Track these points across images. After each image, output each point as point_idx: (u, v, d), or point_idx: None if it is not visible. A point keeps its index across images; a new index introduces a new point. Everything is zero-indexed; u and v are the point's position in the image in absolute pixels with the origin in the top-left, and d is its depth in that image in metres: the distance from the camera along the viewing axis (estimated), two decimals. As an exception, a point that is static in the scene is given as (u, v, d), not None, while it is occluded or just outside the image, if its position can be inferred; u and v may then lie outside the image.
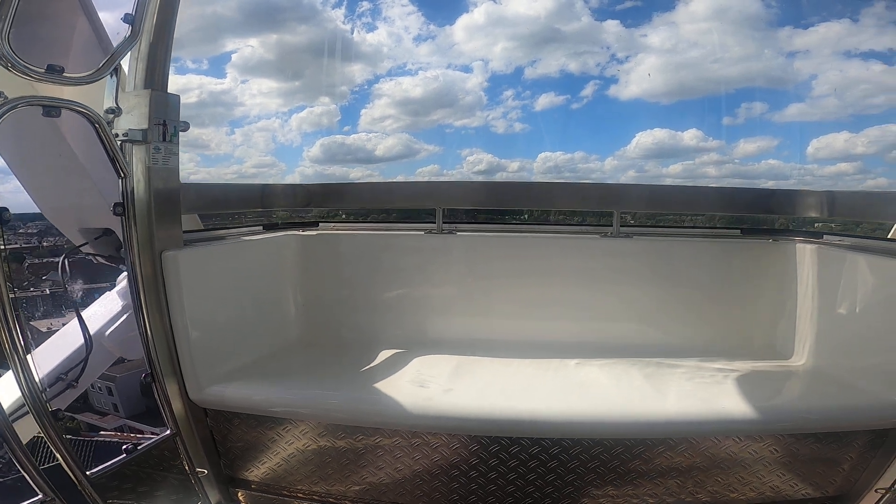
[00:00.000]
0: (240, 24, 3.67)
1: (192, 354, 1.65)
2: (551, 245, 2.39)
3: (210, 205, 2.20)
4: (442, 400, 1.62)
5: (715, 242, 2.36)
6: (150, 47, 1.51)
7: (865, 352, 1.72)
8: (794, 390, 1.76)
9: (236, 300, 1.97)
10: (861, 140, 2.96)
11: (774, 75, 3.12)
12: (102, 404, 2.28)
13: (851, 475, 1.61)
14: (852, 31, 2.95)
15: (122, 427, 2.33)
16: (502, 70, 3.81)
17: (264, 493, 1.81)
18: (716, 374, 1.82)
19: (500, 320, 2.33)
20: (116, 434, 2.35)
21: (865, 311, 1.74)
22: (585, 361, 1.92)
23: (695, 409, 1.56)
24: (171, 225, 1.66)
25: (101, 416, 2.30)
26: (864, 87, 3.03)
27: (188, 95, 3.48)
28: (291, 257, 2.35)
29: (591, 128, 3.37)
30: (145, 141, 1.51)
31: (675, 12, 3.39)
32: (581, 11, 3.66)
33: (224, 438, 1.76)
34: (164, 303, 1.61)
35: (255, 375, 1.82)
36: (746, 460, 1.58)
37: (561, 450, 1.58)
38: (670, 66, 3.57)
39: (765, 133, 3.14)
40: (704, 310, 2.25)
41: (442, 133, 3.99)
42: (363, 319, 2.36)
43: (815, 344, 1.92)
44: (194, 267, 1.71)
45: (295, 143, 3.54)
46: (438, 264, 2.39)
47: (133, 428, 6.25)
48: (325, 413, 1.68)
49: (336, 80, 3.56)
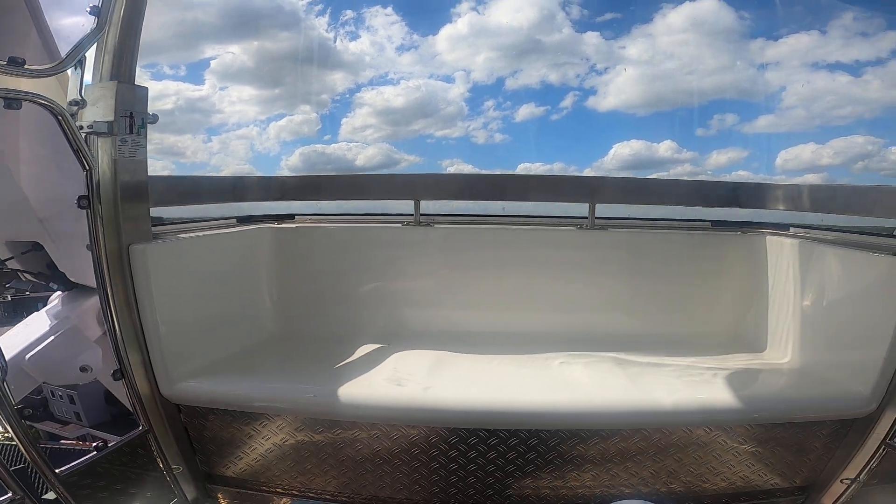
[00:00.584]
0: (220, 29, 3.57)
1: (162, 350, 1.62)
2: (528, 237, 2.41)
3: (180, 198, 2.13)
4: (421, 395, 1.62)
5: (687, 234, 2.41)
6: (118, 39, 1.46)
7: (831, 343, 1.78)
8: (762, 381, 1.81)
9: (209, 294, 1.93)
10: (827, 151, 3.08)
11: (746, 87, 3.23)
12: (64, 413, 2.15)
13: (818, 465, 1.67)
14: (820, 42, 3.05)
15: (85, 436, 2.21)
16: (484, 80, 3.78)
17: (242, 488, 1.79)
18: (689, 367, 1.87)
19: (477, 312, 2.34)
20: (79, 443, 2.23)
21: (832, 303, 1.80)
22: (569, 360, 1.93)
23: (668, 400, 1.59)
24: (139, 218, 1.61)
25: (62, 424, 2.17)
26: (831, 99, 3.14)
27: (164, 102, 3.38)
28: (266, 250, 2.31)
29: (570, 139, 3.44)
30: (111, 133, 1.46)
31: (653, 24, 3.44)
32: (562, 23, 3.71)
33: (199, 434, 1.74)
34: (132, 297, 1.57)
35: (230, 370, 1.80)
36: (717, 450, 1.63)
37: (538, 441, 1.61)
38: (646, 77, 3.60)
39: (736, 144, 3.25)
40: (677, 300, 2.30)
41: (423, 143, 4.01)
42: (340, 313, 2.34)
43: (783, 336, 1.98)
44: (164, 260, 1.68)
45: (273, 152, 3.50)
46: (416, 257, 2.39)
47: (96, 437, 5.98)
48: (302, 408, 1.66)
49: (317, 88, 3.55)
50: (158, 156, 3.19)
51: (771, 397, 1.68)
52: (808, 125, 3.23)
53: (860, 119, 3.11)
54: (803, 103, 3.18)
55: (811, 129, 3.24)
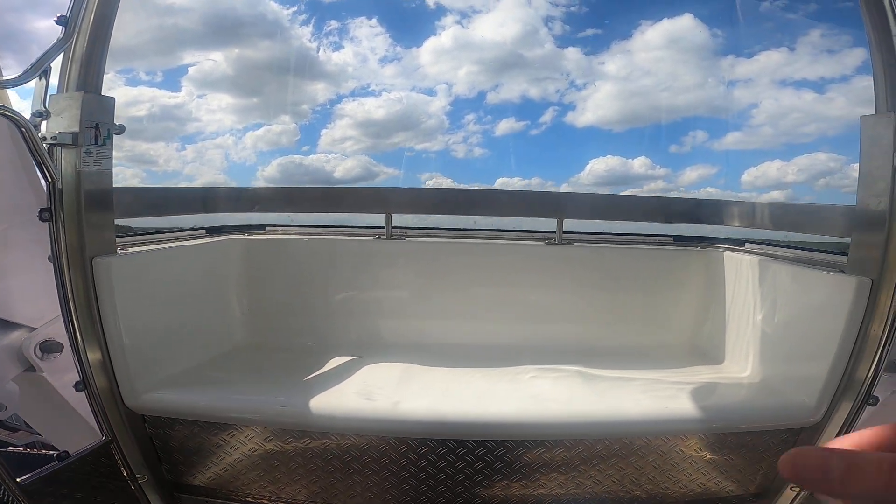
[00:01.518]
0: (201, 36, 3.51)
1: (127, 361, 1.61)
2: (498, 251, 2.46)
3: (148, 209, 2.11)
4: (391, 408, 1.64)
5: (650, 250, 2.50)
6: (86, 48, 1.46)
7: (780, 355, 1.86)
8: (717, 392, 1.88)
9: (176, 305, 1.92)
10: (791, 168, 3.17)
11: (716, 104, 3.29)
12: (12, 420, 2.01)
13: (769, 473, 1.75)
14: (789, 59, 3.15)
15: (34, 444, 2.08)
16: (465, 94, 3.79)
17: (211, 497, 1.77)
18: (651, 379, 1.93)
19: (448, 324, 2.38)
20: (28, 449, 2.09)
21: (781, 317, 1.89)
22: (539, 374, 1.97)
23: (628, 411, 1.65)
24: (103, 230, 1.59)
25: (11, 431, 2.03)
26: (796, 116, 3.23)
27: (138, 108, 3.34)
28: (237, 261, 2.30)
29: (548, 154, 3.48)
30: (76, 144, 1.45)
31: (632, 41, 3.51)
32: (545, 38, 3.77)
33: (165, 444, 1.72)
34: (95, 310, 1.56)
35: (198, 381, 1.80)
36: (675, 459, 1.69)
37: (506, 450, 1.64)
38: (624, 93, 3.67)
39: (706, 161, 3.33)
40: (640, 313, 2.38)
41: (402, 156, 3.98)
42: (311, 324, 2.35)
43: (736, 347, 2.08)
44: (129, 273, 1.67)
45: (249, 162, 3.44)
46: (388, 270, 2.41)
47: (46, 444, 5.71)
48: (271, 419, 1.66)
49: (298, 98, 3.52)
50: (129, 164, 3.11)
51: (724, 408, 1.74)
52: (774, 142, 3.29)
53: (823, 136, 3.20)
54: (771, 121, 3.24)
55: (777, 146, 3.30)
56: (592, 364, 2.04)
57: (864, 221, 1.59)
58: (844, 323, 1.56)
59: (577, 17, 3.65)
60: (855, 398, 1.58)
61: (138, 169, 3.24)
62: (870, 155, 1.57)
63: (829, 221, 2.00)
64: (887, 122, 1.52)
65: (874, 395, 1.56)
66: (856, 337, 1.56)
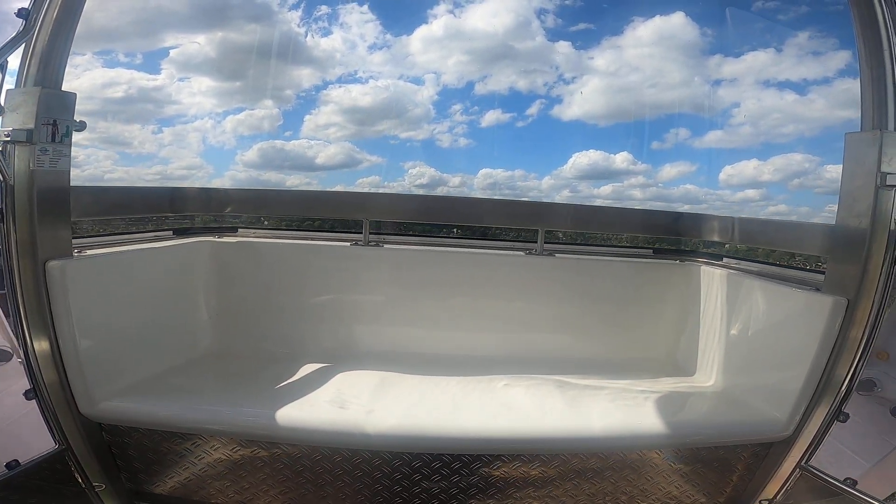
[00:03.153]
0: (185, 18, 3.40)
1: (82, 368, 1.54)
2: (477, 261, 2.42)
3: (109, 209, 2.02)
4: (364, 419, 1.60)
5: (629, 262, 2.50)
6: (46, 43, 1.39)
7: (754, 370, 1.88)
8: (692, 406, 1.88)
9: (139, 310, 1.84)
10: (767, 168, 3.20)
11: (700, 102, 3.28)
12: None
13: (739, 486, 1.76)
14: (776, 60, 3.17)
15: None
16: (454, 84, 3.76)
17: None
18: (626, 391, 1.92)
19: (425, 332, 2.33)
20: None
21: (755, 333, 1.91)
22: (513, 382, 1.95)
23: (603, 426, 1.64)
24: (58, 231, 1.52)
25: None
26: (776, 117, 3.26)
27: (114, 90, 3.23)
28: (204, 265, 2.23)
29: (533, 146, 3.49)
30: (30, 142, 1.37)
31: (623, 36, 3.52)
32: (536, 31, 3.77)
33: (123, 452, 1.66)
34: (48, 314, 1.48)
35: (161, 388, 1.74)
36: (649, 472, 1.69)
37: (481, 464, 1.61)
38: (611, 88, 3.68)
39: (686, 158, 3.35)
40: (618, 325, 2.37)
41: (386, 144, 3.93)
42: (283, 331, 2.28)
43: (712, 361, 2.08)
44: (86, 277, 1.59)
45: (228, 146, 3.34)
46: (364, 277, 2.36)
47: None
48: (237, 430, 1.60)
49: (282, 83, 3.44)
50: (102, 146, 2.98)
51: (698, 422, 1.75)
52: (753, 142, 3.30)
53: (801, 137, 3.21)
54: (751, 120, 3.23)
55: (756, 145, 3.32)
56: (569, 376, 2.02)
57: (844, 241, 1.60)
58: (819, 341, 1.58)
59: (570, 10, 3.62)
60: (825, 415, 1.59)
61: (111, 151, 3.12)
62: (853, 174, 1.57)
63: (807, 240, 2.02)
64: (872, 141, 1.51)
65: (844, 411, 1.57)
66: (829, 355, 1.58)
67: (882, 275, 1.50)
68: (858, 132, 1.58)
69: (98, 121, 1.44)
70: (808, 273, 1.99)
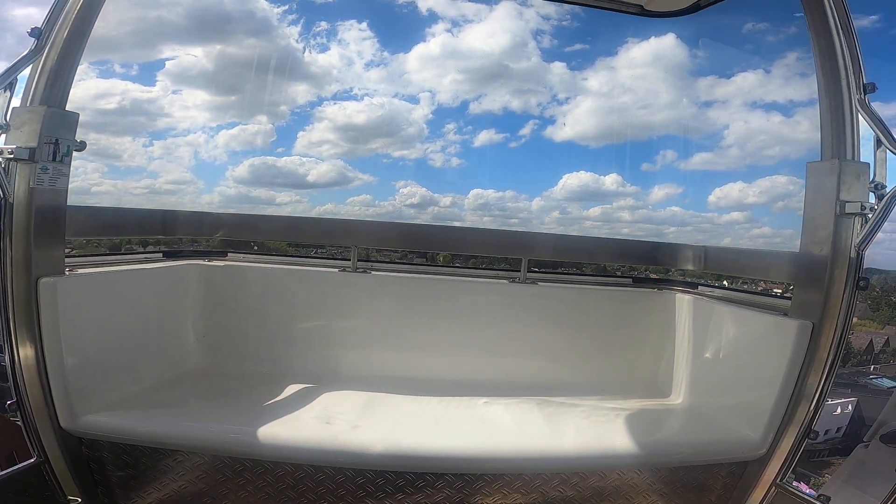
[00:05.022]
0: (184, 30, 3.45)
1: (66, 383, 1.55)
2: (462, 288, 2.48)
3: (102, 230, 2.05)
4: (348, 436, 1.60)
5: (609, 291, 2.57)
6: (55, 63, 1.45)
7: (728, 392, 1.94)
8: (669, 427, 1.93)
9: (126, 329, 1.86)
10: (753, 190, 3.23)
11: (689, 124, 3.30)
12: None
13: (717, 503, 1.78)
14: (764, 81, 3.25)
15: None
16: (448, 103, 3.82)
17: None
18: (606, 414, 1.95)
19: (409, 357, 2.35)
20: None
21: (728, 356, 1.98)
22: (492, 400, 1.98)
23: (584, 446, 1.67)
24: (52, 249, 1.55)
25: None
26: (762, 138, 3.32)
27: (107, 101, 3.22)
28: (193, 286, 2.25)
29: (524, 167, 3.54)
30: (32, 160, 1.42)
31: (617, 58, 3.61)
32: (532, 51, 3.90)
33: (101, 467, 1.64)
34: (37, 330, 1.50)
35: (145, 404, 1.74)
36: (629, 492, 1.71)
37: (464, 483, 1.62)
38: (603, 110, 3.76)
39: (673, 180, 3.38)
40: (599, 351, 2.42)
41: (378, 163, 3.96)
42: (269, 353, 2.29)
43: (688, 384, 2.14)
44: (76, 294, 1.61)
45: (219, 161, 3.34)
46: (352, 303, 2.39)
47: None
48: (217, 446, 1.60)
49: (278, 98, 3.46)
50: (92, 158, 2.96)
51: (676, 443, 1.78)
52: (739, 164, 3.29)
53: (786, 159, 3.24)
54: (738, 142, 3.23)
55: (742, 167, 3.32)
56: (550, 400, 2.05)
57: (807, 267, 1.67)
58: (787, 363, 1.65)
59: (566, 31, 3.68)
60: (797, 433, 1.65)
61: (100, 163, 3.10)
62: (814, 202, 1.64)
63: (774, 267, 2.11)
64: (831, 169, 1.58)
65: (814, 429, 1.63)
66: (797, 376, 1.64)
67: (844, 300, 1.58)
68: (818, 161, 1.64)
69: (89, 132, 1.48)
70: (780, 300, 2.08)
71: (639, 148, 3.54)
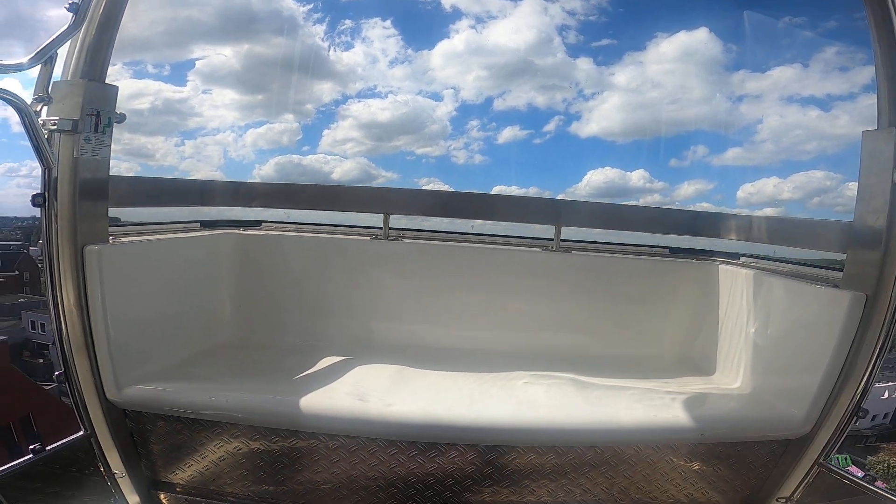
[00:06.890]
0: (214, 30, 3.48)
1: (111, 353, 1.58)
2: (494, 256, 2.45)
3: (143, 199, 2.09)
4: (383, 410, 1.62)
5: (645, 260, 2.51)
6: (93, 37, 1.46)
7: (771, 367, 1.87)
8: (708, 402, 1.89)
9: (165, 298, 1.90)
10: (787, 186, 3.09)
11: (722, 119, 3.15)
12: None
13: (756, 484, 1.75)
14: (801, 76, 3.06)
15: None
16: (472, 99, 3.77)
17: (191, 495, 1.74)
18: (641, 387, 1.93)
19: (441, 328, 2.36)
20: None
21: (774, 330, 1.90)
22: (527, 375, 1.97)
23: (620, 419, 1.65)
24: (96, 218, 1.58)
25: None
26: (798, 133, 3.15)
27: (141, 101, 3.42)
28: (229, 256, 2.29)
29: (548, 163, 3.48)
30: (75, 131, 1.44)
31: (646, 52, 3.43)
32: (557, 47, 3.78)
33: (145, 440, 1.70)
34: (83, 299, 1.54)
35: (184, 376, 1.77)
36: (665, 468, 1.69)
37: (496, 455, 1.63)
38: (630, 105, 3.62)
39: (704, 176, 3.24)
40: (633, 322, 2.38)
41: (402, 160, 3.96)
42: (302, 323, 2.33)
43: (729, 359, 2.08)
44: (119, 263, 1.65)
45: (247, 160, 3.37)
46: (383, 271, 2.40)
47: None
48: (259, 417, 1.63)
49: (304, 97, 3.46)
50: (125, 157, 3.04)
51: (715, 418, 1.75)
52: (774, 159, 3.22)
53: (823, 154, 3.15)
54: (773, 137, 3.16)
55: (776, 163, 3.23)
56: (585, 372, 2.03)
57: (862, 237, 1.60)
58: (837, 337, 1.57)
59: (593, 26, 3.61)
60: (844, 411, 1.59)
61: (133, 163, 3.18)
62: (870, 170, 1.58)
63: (824, 237, 2.01)
64: (888, 138, 1.52)
65: (863, 408, 1.57)
66: (847, 351, 1.57)
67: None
68: (875, 129, 1.58)
69: (123, 132, 1.50)
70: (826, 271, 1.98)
71: (667, 143, 3.41)
